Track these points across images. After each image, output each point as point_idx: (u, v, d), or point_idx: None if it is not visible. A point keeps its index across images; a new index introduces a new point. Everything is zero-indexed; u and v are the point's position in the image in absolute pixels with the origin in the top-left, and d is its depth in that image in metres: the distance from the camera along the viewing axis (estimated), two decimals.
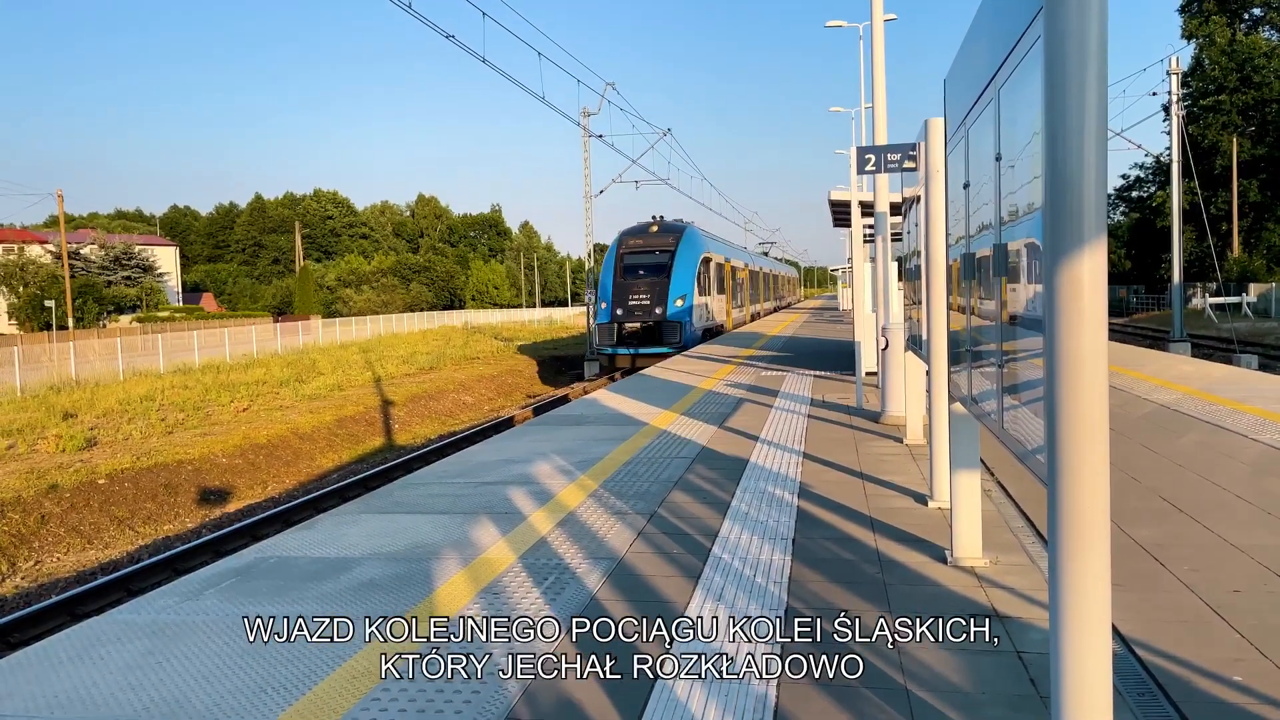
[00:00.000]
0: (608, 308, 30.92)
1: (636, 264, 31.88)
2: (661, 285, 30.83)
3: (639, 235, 33.27)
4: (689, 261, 31.66)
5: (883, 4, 12.44)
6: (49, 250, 71.93)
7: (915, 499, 7.21)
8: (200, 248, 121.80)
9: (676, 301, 30.50)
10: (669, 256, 31.67)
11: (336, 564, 5.90)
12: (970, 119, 4.33)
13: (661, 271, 31.28)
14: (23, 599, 11.16)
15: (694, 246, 32.66)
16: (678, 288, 30.74)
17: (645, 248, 32.39)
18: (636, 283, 31.09)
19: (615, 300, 30.86)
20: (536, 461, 9.29)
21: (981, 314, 4.43)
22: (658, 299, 30.58)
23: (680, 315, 30.41)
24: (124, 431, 20.30)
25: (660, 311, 30.37)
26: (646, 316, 30.49)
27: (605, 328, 30.96)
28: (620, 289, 31.14)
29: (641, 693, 3.92)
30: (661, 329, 30.26)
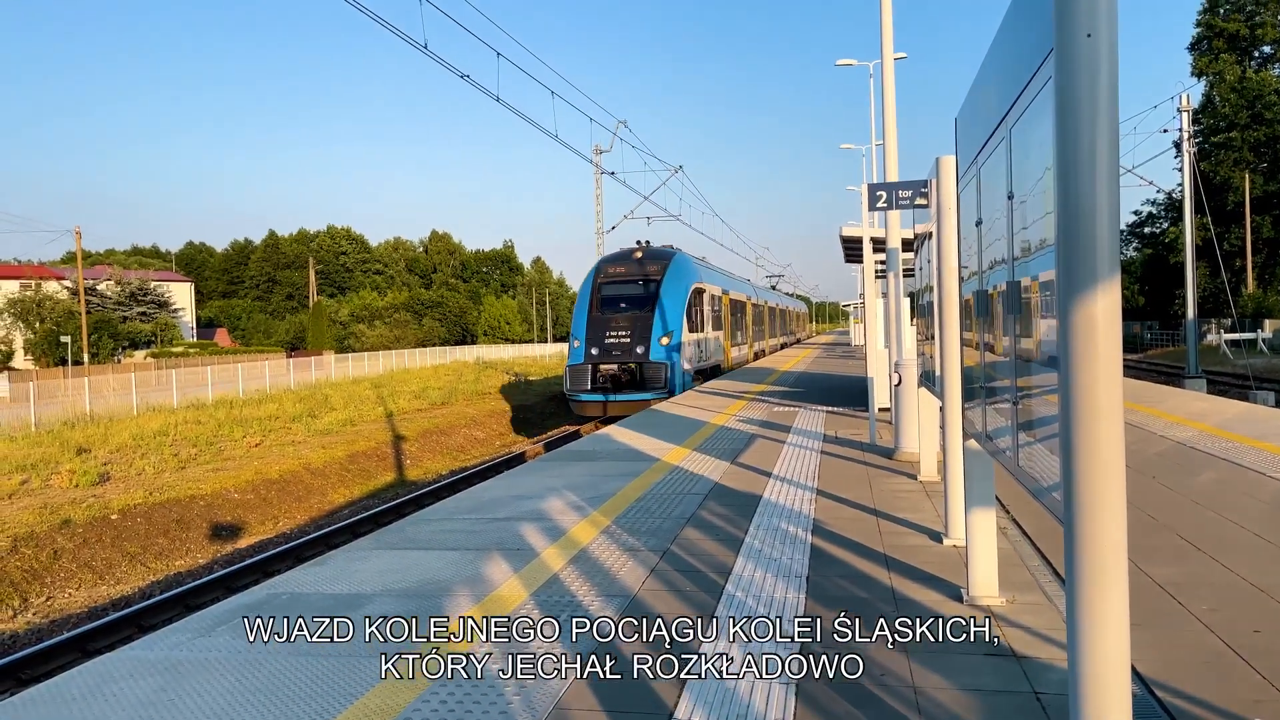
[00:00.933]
0: (581, 346, 26.63)
1: (616, 296, 27.77)
2: (644, 320, 26.71)
3: (619, 263, 29.00)
4: (678, 293, 27.63)
5: (892, 43, 12.56)
6: (66, 286, 72.68)
7: (930, 536, 7.16)
8: (215, 283, 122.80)
9: (662, 339, 26.38)
10: (654, 287, 27.57)
11: (348, 600, 5.88)
12: (982, 157, 4.35)
13: (645, 304, 27.23)
14: (34, 635, 11.15)
15: (684, 275, 28.54)
16: (664, 323, 26.73)
17: (626, 277, 28.26)
18: (615, 317, 26.96)
19: (590, 338, 26.62)
20: (548, 497, 9.27)
21: (995, 350, 4.43)
22: (639, 336, 26.36)
23: (666, 355, 26.27)
24: (137, 466, 20.37)
25: (642, 351, 26.13)
26: (626, 357, 26.16)
27: (578, 370, 26.40)
28: (596, 325, 26.93)
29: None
30: (644, 372, 25.95)
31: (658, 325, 26.54)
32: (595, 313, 27.25)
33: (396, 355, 63.50)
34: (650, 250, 29.48)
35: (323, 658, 4.84)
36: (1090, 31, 2.41)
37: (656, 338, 26.34)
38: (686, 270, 28.92)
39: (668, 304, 27.12)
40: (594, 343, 26.35)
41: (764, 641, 4.91)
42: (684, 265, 29.13)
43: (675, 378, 26.05)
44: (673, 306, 27.18)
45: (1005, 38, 3.54)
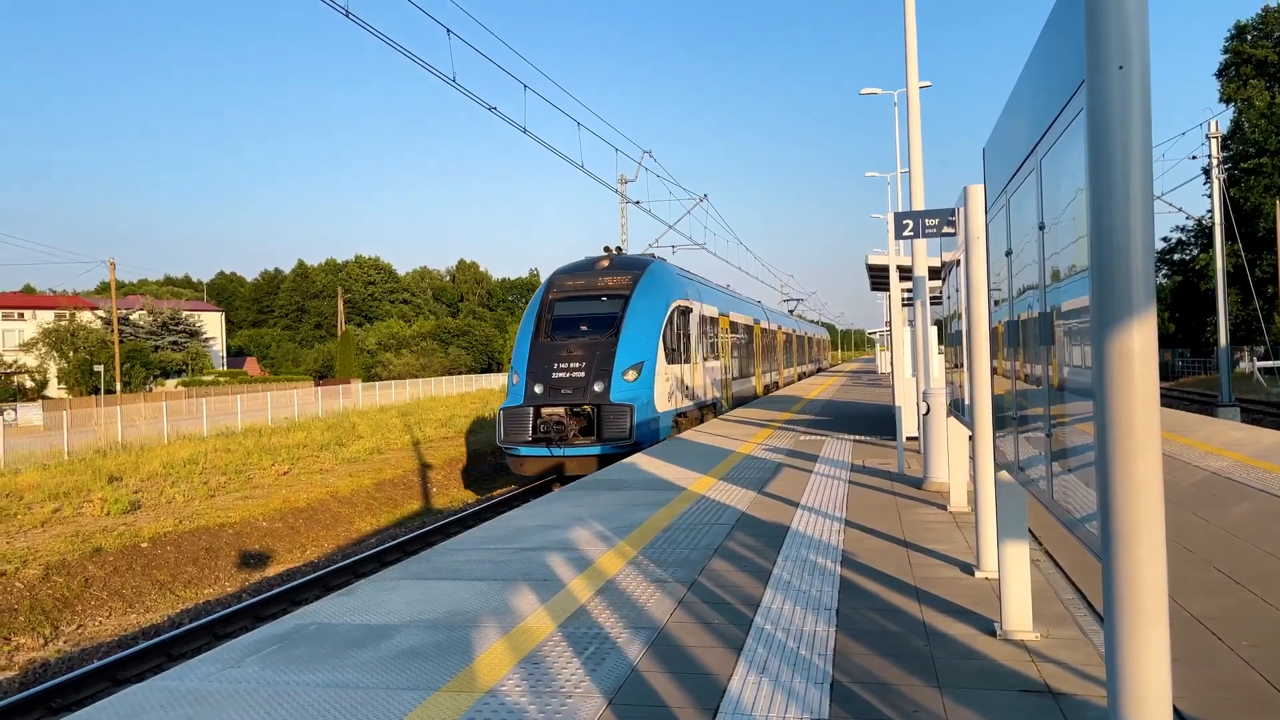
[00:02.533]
0: (520, 384, 20.14)
1: (570, 316, 21.38)
2: (605, 348, 20.09)
3: (577, 274, 22.44)
4: (652, 312, 21.18)
5: (917, 72, 12.59)
6: (99, 316, 73.78)
7: (961, 568, 7.07)
8: (245, 313, 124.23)
9: (627, 373, 19.77)
10: (620, 304, 21.11)
11: (376, 631, 5.88)
12: (1011, 187, 4.34)
13: (607, 327, 20.68)
14: (65, 662, 11.23)
15: (661, 290, 22.01)
16: (631, 351, 20.12)
17: (585, 291, 21.79)
18: (567, 344, 20.39)
19: (532, 372, 20.10)
20: (574, 527, 9.26)
21: (1027, 379, 4.39)
22: (597, 369, 19.80)
23: (633, 394, 19.66)
24: (167, 495, 20.54)
25: (600, 389, 19.57)
26: (579, 397, 19.61)
27: (514, 415, 19.70)
28: (541, 354, 20.34)
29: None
30: (601, 417, 19.22)
31: (623, 354, 19.99)
32: (542, 338, 20.81)
33: (423, 383, 63.84)
34: (620, 259, 23.38)
35: (353, 690, 4.83)
36: (1122, 63, 2.41)
37: (620, 371, 19.75)
38: (665, 283, 22.48)
39: (638, 326, 20.64)
40: (537, 378, 19.90)
41: (794, 675, 4.86)
42: (662, 277, 22.62)
43: (646, 424, 19.63)
44: (644, 330, 20.66)
45: (1034, 69, 3.54)
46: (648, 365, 20.29)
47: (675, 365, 21.93)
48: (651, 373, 20.32)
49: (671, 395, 21.54)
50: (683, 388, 22.67)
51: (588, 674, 4.97)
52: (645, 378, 20.14)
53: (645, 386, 20.10)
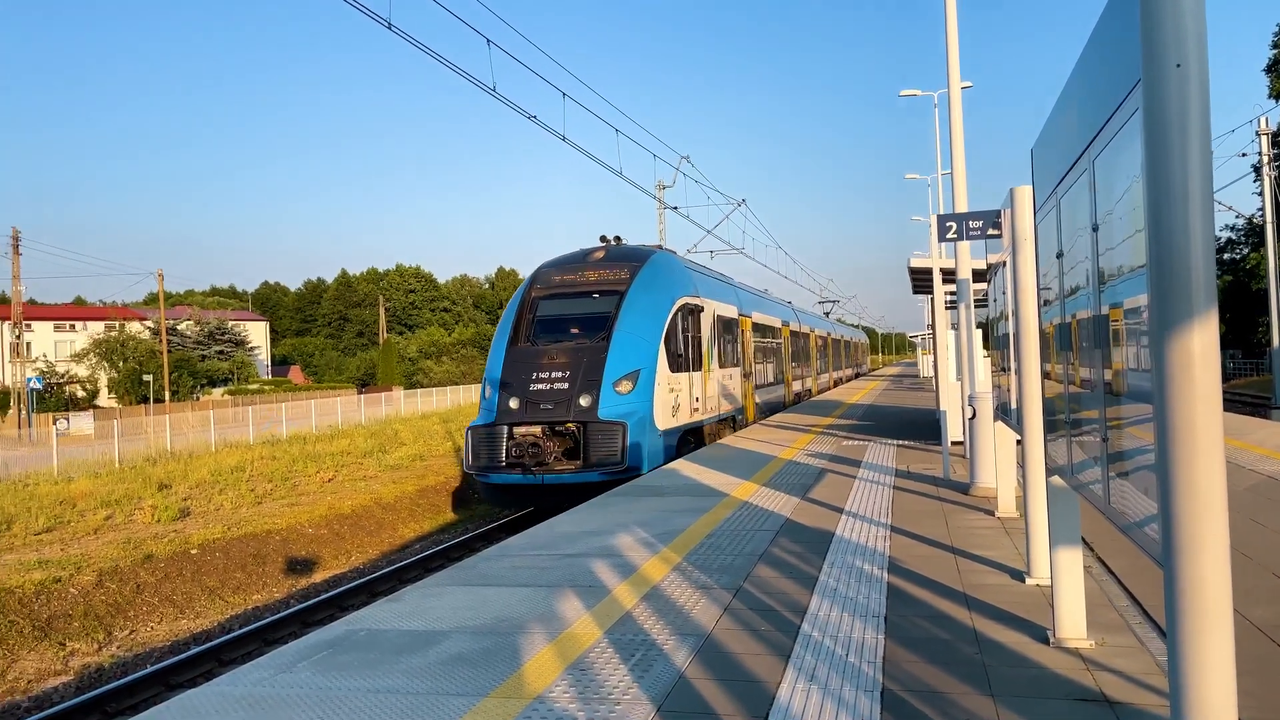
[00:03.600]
0: (493, 396, 17.05)
1: (555, 317, 18.30)
2: (594, 354, 16.94)
3: (565, 268, 19.19)
4: (652, 311, 17.92)
5: (959, 72, 12.47)
6: (148, 326, 75.24)
7: (1011, 575, 6.97)
8: (289, 322, 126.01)
9: (620, 385, 16.62)
10: (614, 303, 17.82)
11: (425, 637, 5.93)
12: (1062, 189, 4.28)
13: (598, 329, 17.53)
14: (119, 668, 11.44)
15: (664, 285, 18.73)
16: (625, 357, 16.94)
17: (573, 288, 18.61)
18: (549, 350, 17.29)
19: (507, 383, 16.99)
20: (618, 533, 9.26)
21: (1080, 382, 4.32)
22: (583, 380, 16.60)
23: (626, 409, 16.42)
24: (215, 502, 20.88)
25: (587, 403, 16.36)
26: (560, 412, 16.40)
27: (484, 435, 16.58)
28: (519, 361, 17.23)
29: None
30: (587, 438, 16.05)
31: (615, 361, 16.79)
32: (521, 343, 17.75)
33: (464, 390, 64.32)
34: (617, 249, 19.89)
35: (402, 695, 4.87)
36: (1179, 61, 2.37)
37: (610, 381, 16.54)
38: (669, 277, 19.22)
39: (634, 328, 17.41)
40: (513, 390, 16.76)
41: (844, 683, 4.82)
42: (665, 270, 19.33)
43: (643, 444, 16.34)
44: (642, 332, 17.45)
45: (1086, 68, 3.49)
46: (645, 374, 16.98)
47: (682, 373, 18.50)
48: (650, 383, 17.01)
49: (677, 409, 18.07)
50: (692, 400, 19.10)
51: (635, 680, 4.97)
52: (642, 389, 16.86)
53: (642, 400, 16.77)
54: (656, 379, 17.18)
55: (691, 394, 19.08)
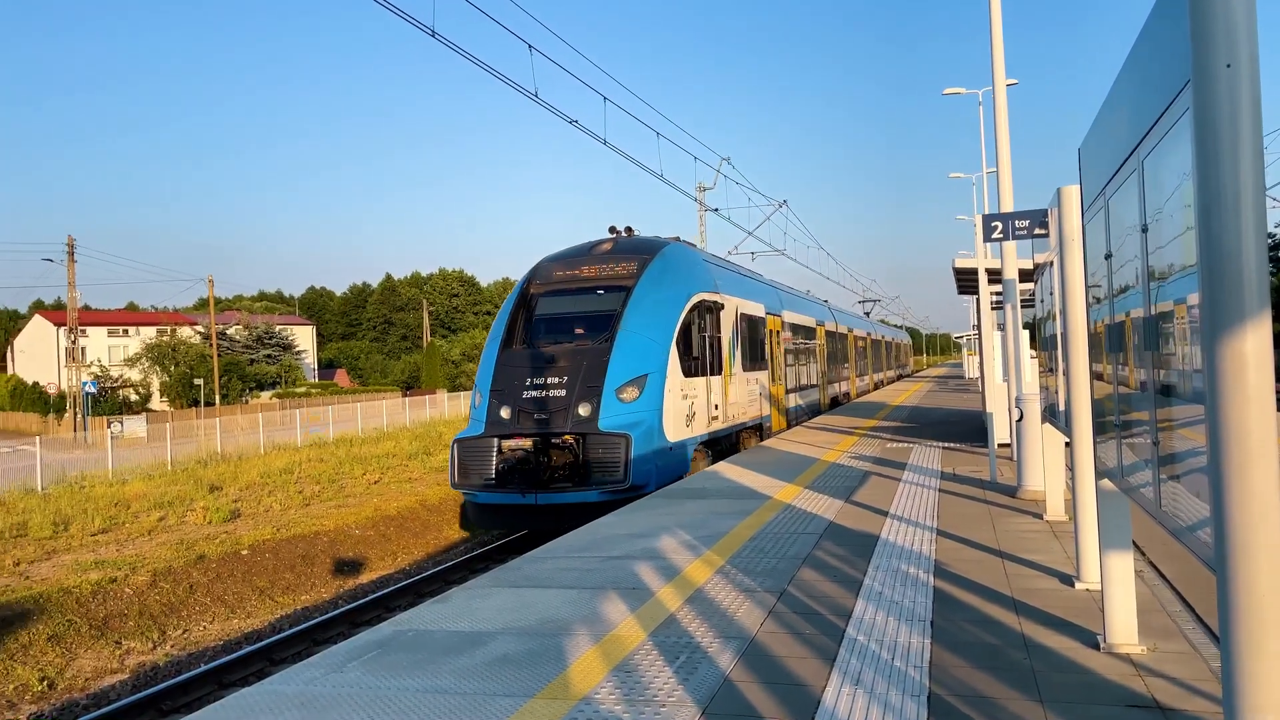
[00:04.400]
0: (483, 405, 15.47)
1: (554, 317, 16.56)
2: (594, 358, 15.20)
3: (567, 263, 17.38)
4: (662, 308, 16.11)
5: (1004, 69, 12.34)
6: (198, 331, 76.74)
7: (1060, 579, 6.89)
8: (335, 326, 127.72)
9: (624, 392, 14.89)
10: (619, 300, 16.08)
11: (471, 638, 6.00)
12: (1110, 189, 4.24)
13: (601, 329, 15.78)
14: (173, 666, 11.68)
15: (677, 280, 16.86)
16: (630, 361, 15.20)
17: (576, 283, 16.83)
18: (545, 353, 15.59)
19: (498, 391, 15.36)
20: (661, 536, 9.28)
21: (1130, 384, 4.27)
22: (583, 386, 14.91)
23: (631, 419, 14.68)
24: (264, 504, 21.23)
25: (586, 412, 14.67)
26: (557, 423, 14.70)
27: (471, 449, 14.97)
28: (511, 366, 15.60)
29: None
30: (587, 452, 14.35)
31: (619, 365, 15.08)
32: (516, 345, 16.03)
33: None
34: (627, 241, 18.00)
35: (451, 695, 4.94)
36: (1230, 61, 2.34)
37: (613, 388, 14.86)
38: (683, 271, 17.31)
39: (642, 328, 15.67)
40: (505, 398, 15.13)
41: (890, 688, 4.80)
42: (679, 264, 17.39)
43: (651, 458, 14.58)
44: (651, 332, 15.71)
45: (1134, 68, 3.46)
46: (654, 379, 15.20)
47: (697, 378, 16.59)
48: (659, 389, 15.19)
49: (691, 418, 16.23)
50: (710, 408, 17.18)
51: (680, 683, 4.99)
52: (650, 396, 15.03)
53: (649, 408, 14.97)
54: (667, 385, 15.42)
55: (709, 401, 17.18)
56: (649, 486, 14.20)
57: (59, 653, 11.92)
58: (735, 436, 19.19)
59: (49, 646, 11.96)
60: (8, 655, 11.53)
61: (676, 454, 15.39)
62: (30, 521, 18.80)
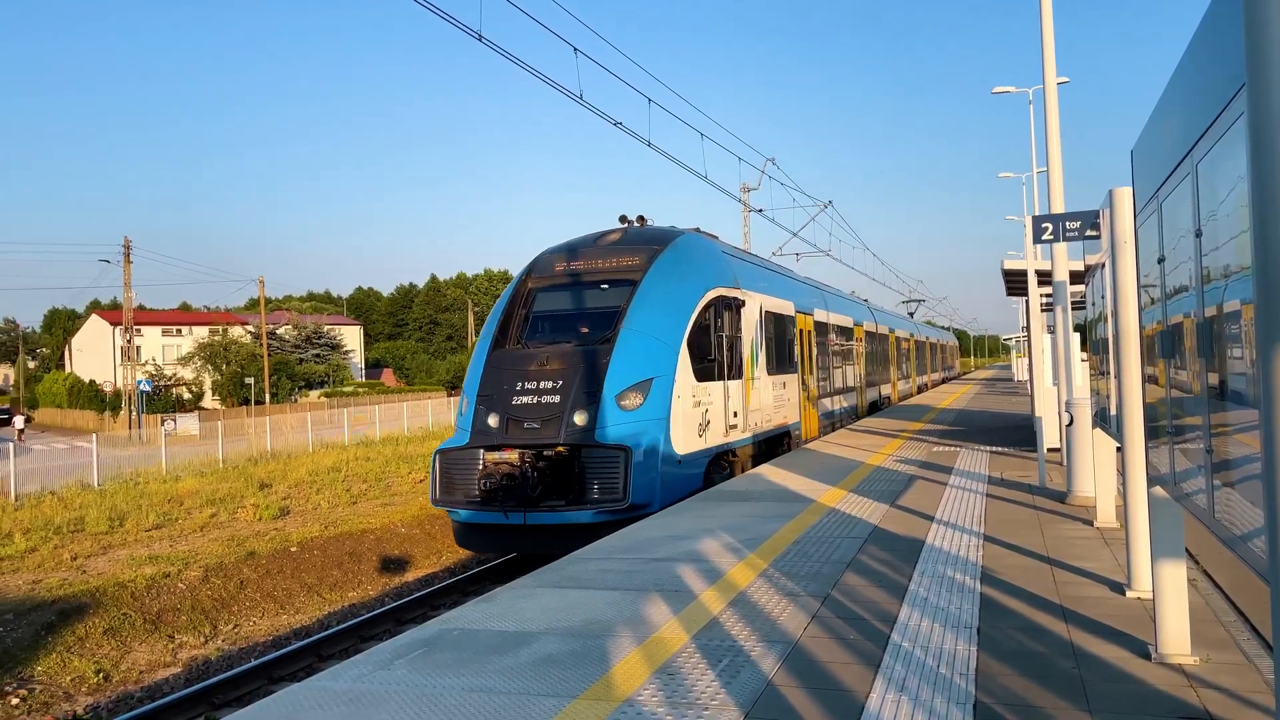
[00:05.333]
0: (468, 412, 13.85)
1: (553, 313, 15.08)
2: (593, 360, 13.54)
3: (571, 254, 15.76)
4: (672, 304, 14.45)
5: (1055, 67, 12.16)
6: (249, 331, 78.09)
7: (1110, 587, 6.78)
8: (382, 326, 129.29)
9: (625, 398, 13.22)
10: (624, 295, 14.44)
11: (516, 638, 6.05)
12: (1163, 192, 4.17)
13: (602, 328, 14.13)
14: (224, 660, 11.92)
15: (690, 273, 15.20)
16: (633, 363, 13.52)
17: (579, 277, 15.25)
18: (539, 354, 13.91)
19: (486, 396, 13.76)
20: (703, 538, 9.28)
21: (1183, 389, 4.20)
22: (578, 392, 13.23)
23: (633, 429, 13.03)
24: (313, 501, 21.57)
25: (583, 421, 13.03)
26: (550, 432, 13.01)
27: (455, 462, 13.43)
28: (501, 370, 13.97)
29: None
30: (583, 464, 12.77)
31: (620, 368, 13.39)
32: (510, 345, 14.52)
33: None
34: (637, 232, 16.35)
35: (496, 695, 4.99)
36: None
37: (613, 393, 13.20)
38: (697, 264, 15.66)
39: (648, 326, 13.96)
40: (493, 405, 13.53)
41: (935, 695, 4.76)
42: (693, 255, 15.77)
43: (656, 473, 12.91)
44: (658, 330, 13.98)
45: (1188, 70, 3.40)
46: (660, 384, 13.51)
47: (713, 382, 14.91)
48: (666, 395, 13.50)
49: (705, 428, 14.50)
50: (727, 415, 15.45)
51: (723, 686, 4.99)
52: (655, 403, 13.36)
53: (654, 417, 13.30)
54: (676, 390, 13.64)
55: (727, 408, 15.43)
56: (652, 506, 12.52)
57: (114, 645, 12.22)
58: (761, 446, 17.62)
59: (105, 639, 12.27)
60: (65, 648, 11.84)
61: (686, 468, 13.75)
62: (87, 517, 19.29)
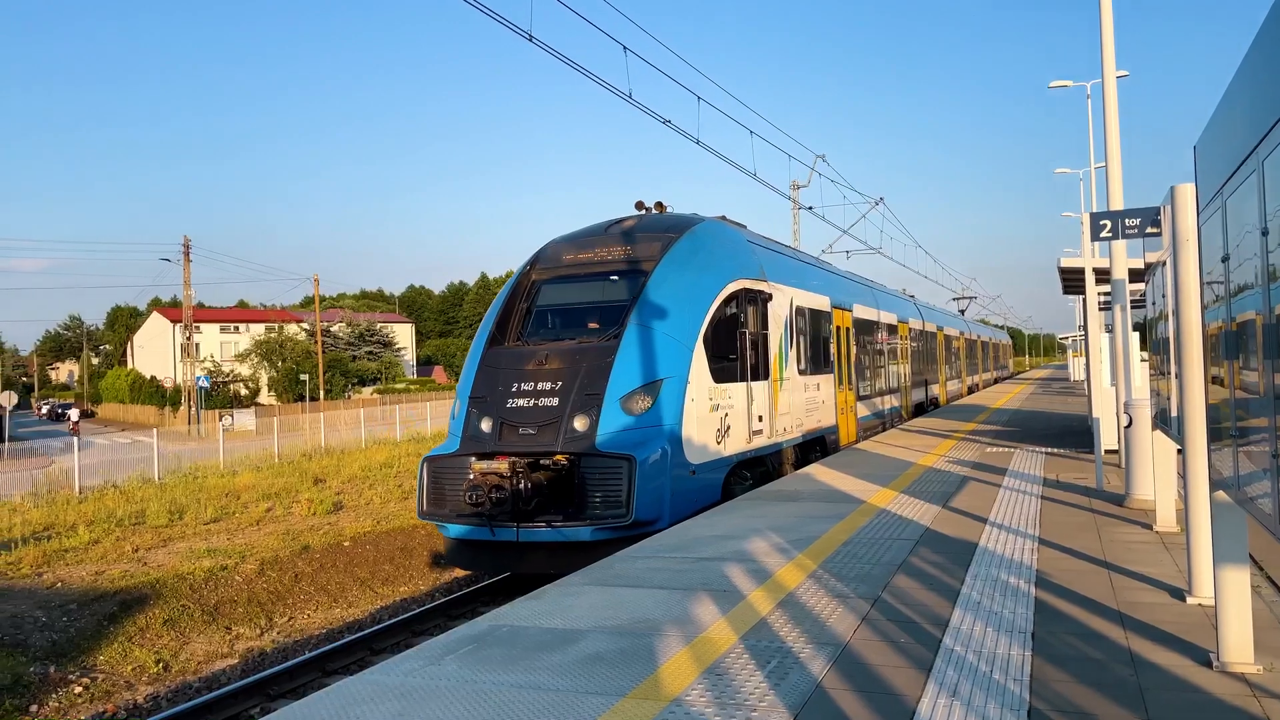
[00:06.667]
0: (459, 417, 12.65)
1: (557, 307, 13.83)
2: (595, 359, 12.28)
3: (579, 243, 14.48)
4: (687, 297, 13.08)
5: (1114, 61, 11.91)
6: (304, 328, 79.45)
7: (1170, 593, 6.62)
8: (433, 323, 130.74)
9: (631, 401, 11.92)
10: (635, 286, 13.14)
11: (564, 635, 6.08)
12: (1228, 189, 4.05)
13: (608, 322, 12.88)
14: (279, 653, 12.14)
15: (708, 264, 13.83)
16: (639, 362, 12.24)
17: (585, 268, 13.92)
18: (537, 352, 12.67)
19: (479, 399, 12.56)
20: (751, 538, 9.24)
21: (1247, 389, 4.08)
22: (579, 394, 11.96)
23: (638, 436, 11.73)
24: (365, 496, 21.88)
25: (583, 427, 11.74)
26: (547, 438, 11.76)
27: (443, 470, 12.20)
28: (496, 369, 12.77)
29: None
30: (583, 474, 11.51)
31: (625, 367, 12.11)
32: (509, 342, 13.29)
33: None
34: (650, 219, 15.00)
35: (545, 692, 5.02)
36: None
37: (616, 396, 11.90)
38: (717, 253, 14.31)
39: (659, 321, 12.58)
40: (487, 407, 12.33)
41: (988, 700, 4.68)
42: (712, 244, 14.39)
43: (665, 485, 11.56)
44: (670, 326, 12.58)
45: (1253, 66, 3.30)
46: (672, 385, 12.15)
47: (735, 384, 13.55)
48: (679, 398, 12.16)
49: (724, 434, 13.15)
50: (752, 420, 14.06)
51: (772, 688, 4.96)
52: (665, 407, 12.00)
53: (664, 422, 11.93)
54: (689, 392, 12.30)
55: (750, 412, 14.00)
56: (661, 522, 11.33)
57: (173, 636, 12.50)
58: (790, 453, 16.17)
59: (164, 630, 12.56)
60: (126, 638, 12.15)
61: (701, 479, 12.36)
62: (148, 510, 19.77)
